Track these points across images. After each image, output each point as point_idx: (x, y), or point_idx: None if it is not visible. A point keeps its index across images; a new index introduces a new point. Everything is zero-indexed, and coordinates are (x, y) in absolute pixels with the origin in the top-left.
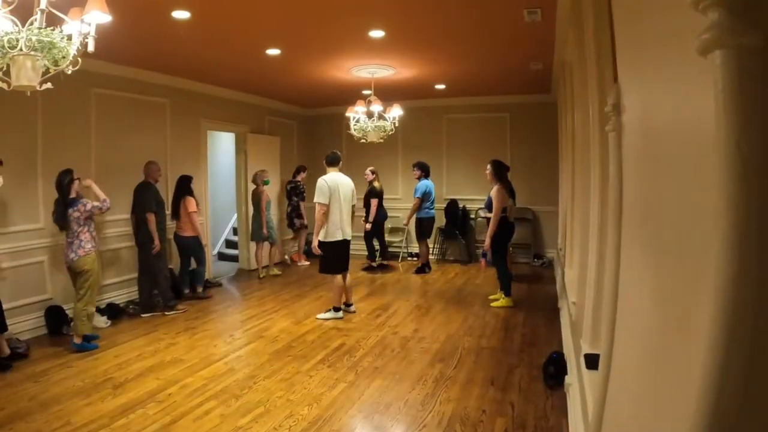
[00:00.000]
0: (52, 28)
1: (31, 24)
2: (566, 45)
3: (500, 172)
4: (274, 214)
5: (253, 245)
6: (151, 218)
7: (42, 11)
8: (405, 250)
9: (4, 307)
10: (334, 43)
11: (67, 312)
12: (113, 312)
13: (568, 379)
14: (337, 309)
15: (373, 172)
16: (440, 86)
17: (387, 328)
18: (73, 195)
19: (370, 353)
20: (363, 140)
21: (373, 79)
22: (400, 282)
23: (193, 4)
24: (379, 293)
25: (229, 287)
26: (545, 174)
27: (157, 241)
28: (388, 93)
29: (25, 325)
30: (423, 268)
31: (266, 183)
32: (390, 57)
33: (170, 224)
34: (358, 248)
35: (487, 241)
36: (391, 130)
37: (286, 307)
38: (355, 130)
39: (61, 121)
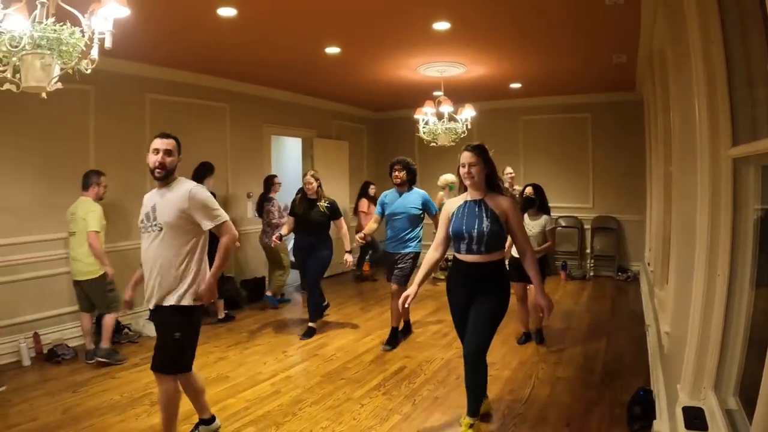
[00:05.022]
0: (61, 24)
1: (35, 20)
2: (653, 30)
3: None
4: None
5: None
6: None
7: (42, 4)
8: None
9: (65, 311)
10: (396, 37)
11: (119, 320)
12: None
13: (656, 425)
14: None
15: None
16: (516, 85)
17: (454, 349)
18: (271, 194)
19: (432, 379)
20: (433, 143)
21: (443, 78)
22: None
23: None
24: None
25: (296, 297)
26: (631, 179)
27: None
28: (460, 93)
29: (76, 330)
30: (392, 338)
31: None
32: (459, 53)
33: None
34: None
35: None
36: (463, 132)
37: (348, 322)
38: (424, 132)
39: (114, 128)
